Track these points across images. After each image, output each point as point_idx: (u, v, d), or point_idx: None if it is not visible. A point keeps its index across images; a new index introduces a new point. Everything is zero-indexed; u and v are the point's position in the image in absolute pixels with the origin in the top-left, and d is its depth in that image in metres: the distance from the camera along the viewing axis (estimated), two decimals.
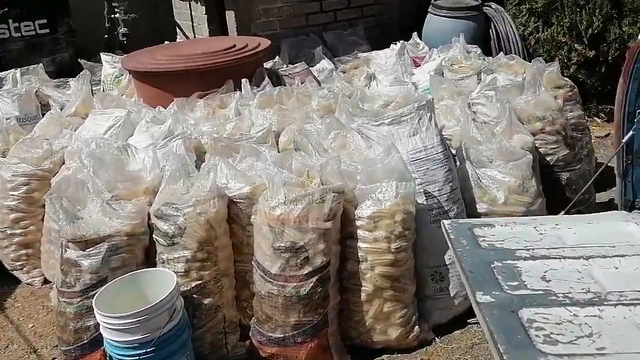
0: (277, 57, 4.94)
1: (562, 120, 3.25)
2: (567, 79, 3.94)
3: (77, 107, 4.37)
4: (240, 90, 4.00)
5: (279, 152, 3.38)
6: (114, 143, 3.16)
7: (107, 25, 5.71)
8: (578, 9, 4.89)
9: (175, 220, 2.48)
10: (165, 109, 3.84)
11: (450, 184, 2.68)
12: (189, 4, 5.66)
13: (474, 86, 3.89)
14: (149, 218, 2.59)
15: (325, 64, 4.86)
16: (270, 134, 3.32)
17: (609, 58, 4.89)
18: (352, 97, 3.77)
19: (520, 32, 5.41)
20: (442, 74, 4.47)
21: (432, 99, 2.77)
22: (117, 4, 5.51)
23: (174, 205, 2.51)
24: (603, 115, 5.29)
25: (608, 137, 4.96)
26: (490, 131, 3.12)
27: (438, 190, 2.64)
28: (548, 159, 3.22)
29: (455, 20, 5.18)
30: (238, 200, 2.65)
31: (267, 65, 4.88)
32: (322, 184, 2.52)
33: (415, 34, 5.23)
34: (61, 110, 4.40)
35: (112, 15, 5.60)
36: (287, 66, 4.90)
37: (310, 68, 4.80)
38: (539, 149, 3.19)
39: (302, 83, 4.16)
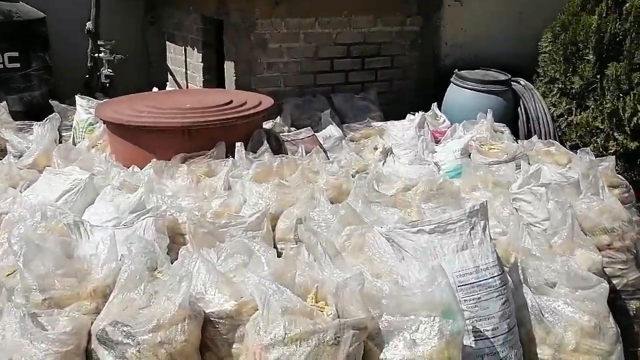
0: (278, 117, 4.31)
1: (634, 234, 2.60)
2: (620, 176, 3.32)
3: (37, 158, 3.67)
4: (233, 155, 3.34)
5: (275, 243, 2.68)
6: (64, 216, 2.43)
7: (89, 65, 5.07)
8: (621, 95, 4.35)
9: (124, 350, 1.73)
10: (142, 170, 3.15)
11: (508, 320, 1.98)
12: (184, 49, 5.07)
13: (511, 176, 3.25)
14: (89, 340, 1.85)
15: (332, 130, 4.24)
16: (265, 218, 2.63)
17: None
18: (368, 177, 3.10)
19: (550, 113, 4.86)
20: (469, 155, 3.85)
21: (486, 202, 2.09)
22: (103, 42, 4.88)
23: (125, 327, 1.77)
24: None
25: None
26: (547, 242, 2.45)
27: (492, 329, 1.93)
28: (614, 282, 2.55)
29: (482, 94, 4.62)
30: (217, 319, 1.92)
31: (266, 125, 4.25)
32: (337, 312, 1.81)
33: (434, 104, 4.65)
34: (19, 158, 3.70)
35: (97, 55, 4.97)
36: (289, 129, 4.27)
37: (315, 134, 4.17)
38: (604, 269, 2.51)
39: (307, 153, 3.50)
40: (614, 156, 4.47)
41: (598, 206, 2.61)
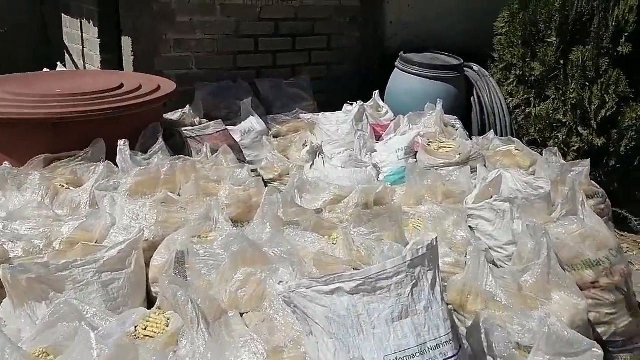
0: (187, 107, 3.53)
1: (623, 267, 2.00)
2: (596, 184, 2.74)
3: None
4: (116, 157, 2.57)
5: (148, 285, 1.95)
6: None
7: None
8: (587, 83, 3.79)
9: None
10: None
11: None
12: (80, 22, 4.19)
13: (465, 183, 2.62)
14: None
15: (254, 122, 3.50)
16: (135, 250, 1.89)
17: (621, 149, 3.79)
18: (287, 186, 2.40)
19: (507, 103, 4.28)
20: (415, 155, 3.21)
21: (436, 238, 1.41)
22: None
23: None
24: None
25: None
26: (515, 281, 1.82)
27: None
28: (599, 330, 1.94)
29: (430, 81, 3.98)
30: None
31: (173, 117, 3.48)
32: None
33: (376, 93, 3.98)
34: None
35: None
36: (201, 121, 3.50)
37: (231, 128, 3.43)
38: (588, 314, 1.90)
39: (213, 153, 2.76)
40: (579, 155, 4.01)
41: (579, 230, 1.99)
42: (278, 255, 1.82)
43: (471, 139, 3.40)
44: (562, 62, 3.94)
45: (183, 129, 3.02)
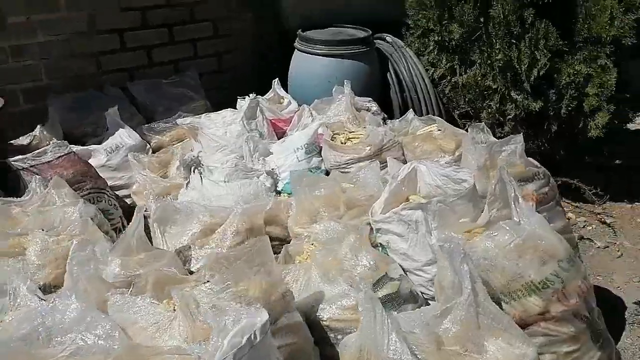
0: (38, 128, 2.83)
1: (580, 281, 1.45)
2: (535, 161, 2.20)
3: None
4: None
5: None
6: None
7: None
8: (514, 41, 3.27)
9: None
10: None
11: None
12: None
13: (374, 184, 2.04)
14: None
15: (123, 136, 2.84)
16: None
17: (562, 111, 3.30)
18: (128, 227, 1.78)
19: (429, 75, 3.73)
20: (319, 152, 2.62)
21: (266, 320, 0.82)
22: None
23: None
24: None
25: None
26: (430, 336, 1.25)
27: None
28: None
29: (337, 60, 3.38)
30: None
31: (24, 142, 2.78)
32: None
33: (276, 81, 3.36)
34: None
35: None
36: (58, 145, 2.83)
37: (94, 147, 2.77)
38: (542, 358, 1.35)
39: (45, 187, 2.09)
40: (516, 123, 3.50)
41: (513, 240, 1.43)
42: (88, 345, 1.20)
43: (388, 124, 2.83)
44: (482, 20, 3.41)
45: (13, 159, 2.34)
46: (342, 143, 2.56)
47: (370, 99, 3.19)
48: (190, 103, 3.32)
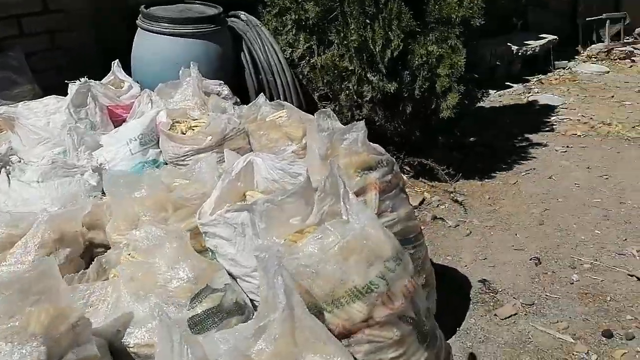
0: None
1: (407, 281, 1.38)
2: (380, 148, 2.13)
3: None
4: None
5: None
6: None
7: None
8: (368, 21, 3.21)
9: None
10: None
11: None
12: None
13: (209, 182, 1.86)
14: None
15: None
16: None
17: (416, 93, 3.30)
18: None
19: (287, 55, 3.59)
20: (157, 143, 2.39)
21: None
22: None
23: None
24: (409, 170, 3.72)
25: (424, 206, 3.38)
26: (241, 358, 1.10)
27: None
28: None
29: (184, 39, 3.13)
30: None
31: None
32: None
33: (116, 63, 3.04)
34: None
35: None
36: None
37: None
38: None
39: None
40: (374, 105, 3.46)
41: (338, 243, 1.32)
42: None
43: (236, 109, 2.64)
44: None
45: None
46: (182, 132, 2.34)
47: (221, 82, 2.98)
48: (12, 88, 2.92)
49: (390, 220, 2.03)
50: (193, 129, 2.35)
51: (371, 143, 2.12)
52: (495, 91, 5.29)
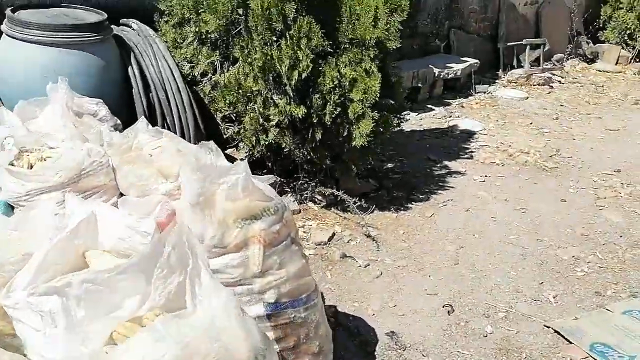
0: None
1: None
2: (269, 190, 1.80)
3: None
4: None
5: None
6: None
7: None
8: (275, 38, 2.89)
9: None
10: None
11: None
12: None
13: (42, 231, 1.47)
14: None
15: None
16: None
17: (326, 118, 3.01)
18: None
19: (187, 71, 3.21)
20: None
21: None
22: None
23: None
24: (320, 199, 3.43)
25: (333, 242, 3.08)
26: None
27: None
28: None
29: (59, 49, 2.69)
30: None
31: None
32: None
33: None
34: None
35: None
36: None
37: None
38: None
39: None
40: (281, 130, 3.13)
41: (169, 352, 0.97)
42: None
43: (115, 134, 2.23)
44: (242, 11, 2.99)
45: None
46: (30, 166, 1.92)
47: (99, 100, 2.56)
48: None
49: (277, 280, 1.72)
50: (43, 160, 1.94)
51: (259, 183, 1.80)
52: (416, 113, 5.12)
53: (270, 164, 3.41)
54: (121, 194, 1.97)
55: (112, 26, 3.06)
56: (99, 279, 1.10)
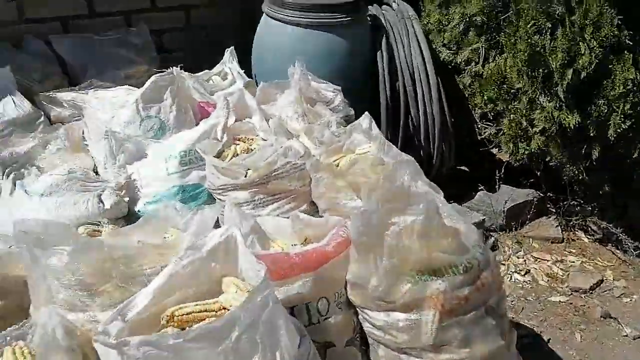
0: None
1: None
2: (467, 235, 1.35)
3: None
4: None
5: None
6: None
7: None
8: (549, 25, 2.28)
9: None
10: None
11: None
12: None
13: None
14: None
15: (7, 105, 2.31)
16: None
17: (610, 132, 2.29)
18: None
19: (449, 58, 2.81)
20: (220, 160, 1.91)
21: None
22: None
23: None
24: (594, 230, 2.70)
25: (597, 291, 2.39)
26: None
27: None
28: None
29: (308, 31, 2.57)
30: None
31: None
32: None
33: (229, 51, 2.64)
34: None
35: None
36: None
37: None
38: None
39: None
40: (548, 140, 2.47)
41: None
42: None
43: (327, 134, 2.02)
44: None
45: None
46: (235, 155, 1.83)
47: (337, 87, 2.38)
48: (127, 68, 2.71)
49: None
50: (246, 151, 1.83)
51: (460, 221, 1.37)
52: None
53: (537, 172, 2.80)
54: (313, 203, 1.75)
55: (374, 5, 2.84)
56: (162, 344, 0.88)
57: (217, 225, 1.42)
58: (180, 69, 2.33)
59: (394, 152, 1.75)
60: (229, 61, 2.61)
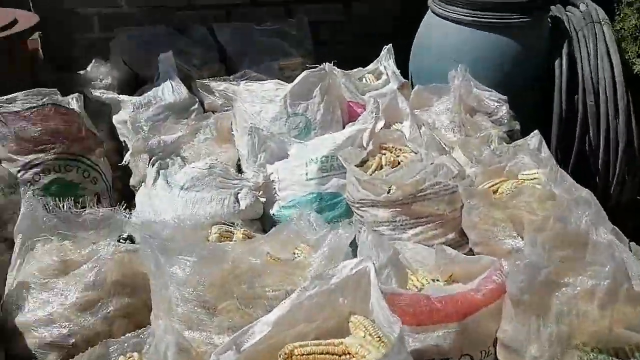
0: (92, 63, 2.53)
1: None
2: None
3: None
4: None
5: None
6: None
7: None
8: None
9: None
10: None
11: None
12: None
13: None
14: None
15: (166, 90, 2.36)
16: None
17: None
18: None
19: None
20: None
21: None
22: None
23: None
24: None
25: None
26: None
27: None
28: None
29: (476, 32, 2.31)
30: None
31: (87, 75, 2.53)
32: None
33: (387, 49, 2.46)
34: None
35: None
36: (117, 83, 2.51)
37: (127, 99, 2.35)
38: None
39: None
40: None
41: None
42: None
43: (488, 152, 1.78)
44: None
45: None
46: (379, 167, 1.66)
47: (502, 97, 2.11)
48: (281, 59, 2.66)
49: None
50: (396, 161, 1.65)
51: None
52: None
53: None
54: (462, 232, 1.53)
55: (557, 5, 2.49)
56: None
57: (352, 242, 1.28)
58: (333, 65, 2.21)
59: (569, 183, 1.46)
60: (385, 59, 2.43)
